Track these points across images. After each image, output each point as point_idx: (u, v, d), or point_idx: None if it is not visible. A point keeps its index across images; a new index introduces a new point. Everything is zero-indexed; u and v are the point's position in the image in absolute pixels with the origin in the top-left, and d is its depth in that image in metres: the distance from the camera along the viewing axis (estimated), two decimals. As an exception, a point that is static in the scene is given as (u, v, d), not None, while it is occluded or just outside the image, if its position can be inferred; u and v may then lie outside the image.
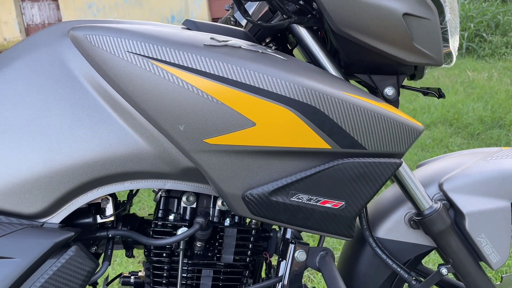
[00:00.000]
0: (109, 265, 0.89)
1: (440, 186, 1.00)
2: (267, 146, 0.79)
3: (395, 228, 1.02)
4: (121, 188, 0.84)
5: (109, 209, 0.90)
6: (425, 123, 3.81)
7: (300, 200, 0.83)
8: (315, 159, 0.82)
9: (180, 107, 0.77)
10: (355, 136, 0.82)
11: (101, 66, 0.79)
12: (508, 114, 3.74)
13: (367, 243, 1.01)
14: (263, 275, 1.14)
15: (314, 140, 0.80)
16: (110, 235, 0.91)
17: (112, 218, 0.91)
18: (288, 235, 0.97)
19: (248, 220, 1.02)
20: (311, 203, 0.83)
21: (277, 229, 1.03)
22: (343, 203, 0.84)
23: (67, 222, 0.85)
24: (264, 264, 1.14)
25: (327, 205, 0.84)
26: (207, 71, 0.77)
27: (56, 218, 0.82)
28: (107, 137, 0.80)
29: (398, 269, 1.00)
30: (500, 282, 1.06)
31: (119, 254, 2.21)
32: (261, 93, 0.78)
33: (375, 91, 0.97)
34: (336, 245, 2.16)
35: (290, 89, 0.78)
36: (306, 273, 2.02)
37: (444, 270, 0.99)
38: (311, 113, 0.79)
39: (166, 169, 0.83)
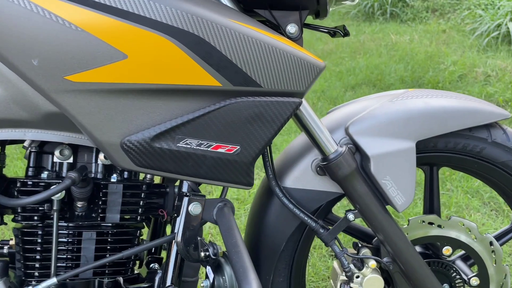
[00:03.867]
0: None
1: (346, 130, 0.95)
2: (144, 84, 0.68)
3: (302, 176, 0.97)
4: (-34, 140, 0.69)
5: (-39, 168, 0.75)
6: (350, 84, 3.87)
7: (188, 146, 0.74)
8: (203, 99, 0.73)
9: (31, 37, 0.63)
10: (248, 71, 0.73)
11: None
12: (427, 73, 3.89)
13: (274, 193, 0.96)
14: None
15: (201, 76, 0.71)
16: None
17: None
18: (185, 189, 0.87)
19: (142, 176, 0.91)
20: (201, 148, 0.74)
21: (176, 184, 0.93)
22: (238, 147, 0.76)
23: None
24: (170, 224, 1.04)
25: (220, 150, 0.75)
26: None
27: None
28: None
29: (305, 218, 0.95)
30: (407, 225, 1.06)
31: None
32: (132, 18, 0.66)
33: (278, 30, 0.88)
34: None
35: (167, 14, 0.67)
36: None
37: (350, 216, 0.96)
38: (194, 44, 0.69)
39: (23, 115, 0.69)
